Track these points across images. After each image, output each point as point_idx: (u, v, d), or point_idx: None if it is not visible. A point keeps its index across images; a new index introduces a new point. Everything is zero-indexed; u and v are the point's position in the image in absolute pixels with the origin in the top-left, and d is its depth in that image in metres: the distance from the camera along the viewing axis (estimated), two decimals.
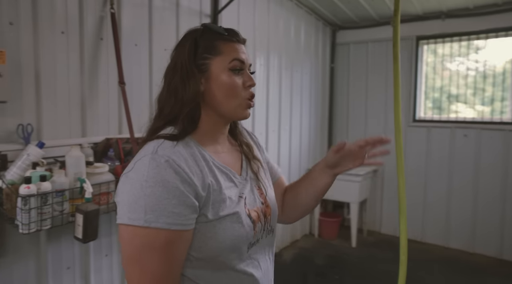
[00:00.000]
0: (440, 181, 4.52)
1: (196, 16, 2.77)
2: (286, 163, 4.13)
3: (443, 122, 4.52)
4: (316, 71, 4.68)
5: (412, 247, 4.29)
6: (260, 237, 1.02)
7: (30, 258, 1.89)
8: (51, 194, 1.62)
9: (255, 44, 3.43)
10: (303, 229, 4.66)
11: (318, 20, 4.62)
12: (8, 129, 1.76)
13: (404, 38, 4.58)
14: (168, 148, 0.88)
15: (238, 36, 1.02)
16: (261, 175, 1.12)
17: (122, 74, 2.09)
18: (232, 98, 0.97)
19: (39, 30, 1.84)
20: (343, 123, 5.12)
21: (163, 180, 0.82)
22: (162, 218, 0.81)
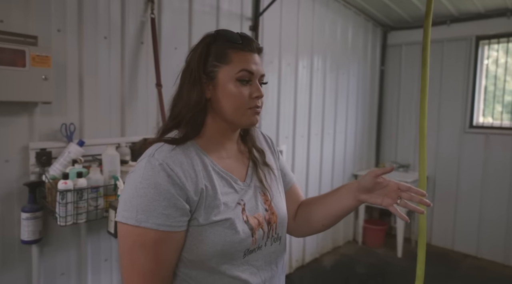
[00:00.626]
0: (499, 192, 4.22)
1: (237, 19, 2.84)
2: (329, 168, 4.09)
3: (504, 129, 4.21)
4: (364, 73, 4.59)
5: (466, 263, 4.14)
6: (263, 244, 1.02)
7: (71, 249, 2.05)
8: (87, 190, 1.75)
9: (298, 46, 3.44)
10: (346, 235, 4.58)
11: (368, 21, 4.53)
12: (53, 128, 1.92)
13: (460, 38, 4.37)
14: (165, 152, 0.92)
15: (252, 46, 1.01)
16: (268, 181, 1.11)
17: (160, 77, 2.20)
18: (237, 107, 0.98)
19: (84, 36, 2.00)
20: (392, 128, 4.97)
21: (155, 182, 0.87)
22: (152, 219, 0.86)
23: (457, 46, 4.42)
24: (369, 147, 4.86)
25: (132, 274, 0.88)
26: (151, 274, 0.88)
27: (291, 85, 3.43)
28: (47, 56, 1.76)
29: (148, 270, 0.88)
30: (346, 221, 4.53)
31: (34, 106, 1.84)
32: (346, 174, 4.41)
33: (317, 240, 4.00)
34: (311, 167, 3.78)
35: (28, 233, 1.79)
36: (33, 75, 1.72)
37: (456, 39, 4.41)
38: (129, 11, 2.17)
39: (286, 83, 3.36)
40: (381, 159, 5.04)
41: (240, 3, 2.85)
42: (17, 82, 1.69)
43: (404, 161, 4.85)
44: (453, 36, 4.41)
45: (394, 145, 4.97)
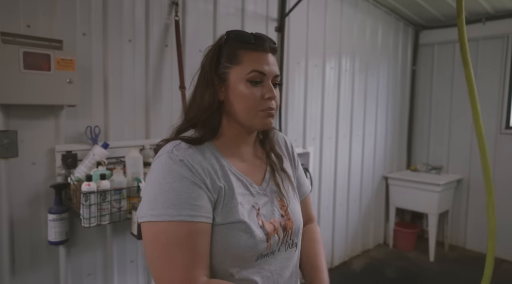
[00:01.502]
0: None
1: (262, 21, 2.76)
2: (358, 170, 3.94)
3: None
4: (395, 74, 4.40)
5: (503, 268, 3.89)
6: (277, 249, 0.98)
7: (97, 250, 2.03)
8: (110, 191, 1.72)
9: (325, 47, 3.32)
10: (377, 238, 4.40)
11: (399, 20, 4.34)
12: (79, 130, 1.90)
13: (496, 37, 4.13)
14: (183, 149, 0.90)
15: (265, 45, 0.97)
16: (285, 187, 1.07)
17: (183, 79, 2.15)
18: (248, 109, 0.94)
19: (108, 39, 1.97)
20: (424, 129, 4.74)
21: (180, 175, 0.85)
22: (184, 211, 0.83)
23: (492, 44, 4.17)
24: (400, 149, 4.65)
25: (175, 274, 0.82)
26: (193, 269, 0.83)
27: (318, 86, 3.31)
28: (72, 60, 1.74)
29: (190, 264, 0.83)
30: (377, 223, 4.36)
31: (60, 109, 1.83)
32: (376, 176, 4.24)
33: (346, 242, 3.86)
34: (339, 169, 3.64)
35: (55, 234, 1.77)
36: (58, 78, 1.70)
37: (491, 37, 4.16)
38: (153, 14, 2.14)
39: (313, 84, 3.25)
40: (412, 161, 4.82)
41: (265, 4, 2.77)
42: (43, 86, 1.68)
43: (436, 163, 4.61)
44: (488, 34, 4.17)
45: (426, 146, 4.74)
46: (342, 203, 3.74)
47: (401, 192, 4.26)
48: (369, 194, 4.16)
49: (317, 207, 3.43)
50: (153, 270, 0.85)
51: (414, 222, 4.66)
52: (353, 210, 3.92)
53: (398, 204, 4.33)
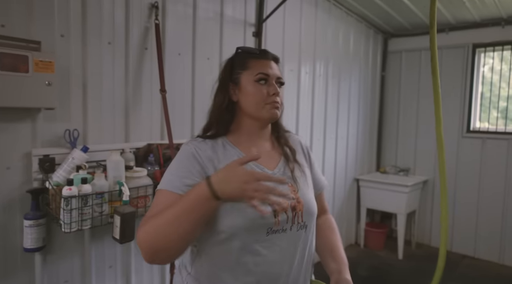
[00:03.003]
0: (494, 194, 4.16)
1: (241, 26, 2.75)
2: (332, 172, 3.99)
3: (500, 133, 4.16)
4: (366, 79, 4.49)
5: (464, 263, 4.04)
6: (288, 228, 1.09)
7: (75, 256, 1.94)
8: (91, 196, 1.65)
9: (300, 52, 3.34)
10: (349, 238, 4.47)
11: (369, 28, 4.44)
12: (57, 134, 1.82)
13: (458, 46, 4.30)
14: (196, 141, 1.14)
15: (267, 55, 1.20)
16: (297, 175, 1.19)
17: (164, 82, 2.10)
18: (256, 103, 1.14)
19: (87, 41, 1.90)
20: (393, 133, 4.87)
21: (181, 159, 1.10)
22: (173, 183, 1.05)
23: (455, 53, 4.35)
24: (370, 152, 4.75)
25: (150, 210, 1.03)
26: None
27: (293, 91, 3.33)
28: (51, 62, 1.67)
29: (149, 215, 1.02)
30: (349, 224, 4.42)
31: (37, 112, 1.75)
32: (348, 178, 4.30)
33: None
34: None
35: (31, 241, 1.69)
36: (36, 80, 1.62)
37: (454, 46, 4.34)
38: (133, 16, 2.08)
39: (289, 89, 3.27)
40: (382, 163, 4.94)
41: (243, 10, 2.76)
42: (20, 88, 1.59)
43: (404, 165, 4.75)
44: (451, 44, 4.35)
45: (394, 149, 4.87)
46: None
47: (372, 194, 4.34)
48: (342, 196, 4.22)
49: None
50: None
51: (383, 222, 4.76)
52: None
53: (369, 205, 4.42)
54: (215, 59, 2.52)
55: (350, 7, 3.88)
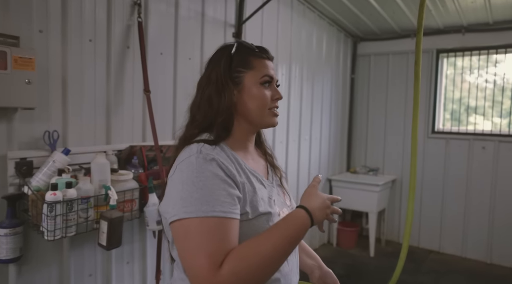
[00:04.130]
0: (458, 191, 4.36)
1: (221, 26, 2.70)
2: (306, 173, 4.01)
3: (461, 134, 4.38)
4: (337, 82, 4.56)
5: (431, 258, 4.20)
6: None
7: (53, 265, 1.82)
8: (77, 201, 1.56)
9: (277, 54, 3.34)
10: (322, 238, 4.52)
11: (340, 31, 4.52)
12: (35, 135, 1.71)
13: (424, 51, 4.44)
14: (210, 149, 0.94)
15: (268, 53, 1.11)
16: (284, 182, 1.19)
17: (148, 82, 2.03)
18: (262, 108, 1.05)
19: (68, 38, 1.80)
20: (362, 134, 4.98)
21: (213, 173, 0.89)
22: (217, 207, 0.85)
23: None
24: (341, 152, 4.83)
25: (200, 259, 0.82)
26: (220, 254, 0.83)
27: None
28: (31, 59, 1.56)
29: (217, 250, 0.83)
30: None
31: (14, 112, 1.62)
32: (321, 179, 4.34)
33: None
34: (289, 173, 3.67)
35: (6, 251, 1.56)
36: (15, 78, 1.51)
37: None
38: (115, 14, 1.99)
39: None
40: (352, 163, 5.04)
41: (224, 11, 2.72)
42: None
43: (373, 165, 4.86)
44: None
45: (364, 150, 4.98)
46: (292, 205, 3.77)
47: (344, 193, 4.40)
48: None
49: None
50: (185, 263, 0.86)
51: (354, 221, 4.85)
52: None
53: (341, 205, 4.47)
54: (196, 60, 2.46)
55: (322, 10, 3.93)
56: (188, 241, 0.84)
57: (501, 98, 4.21)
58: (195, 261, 0.82)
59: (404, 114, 4.61)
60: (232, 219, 0.87)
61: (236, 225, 0.88)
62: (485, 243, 4.20)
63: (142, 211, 1.89)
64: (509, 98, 4.16)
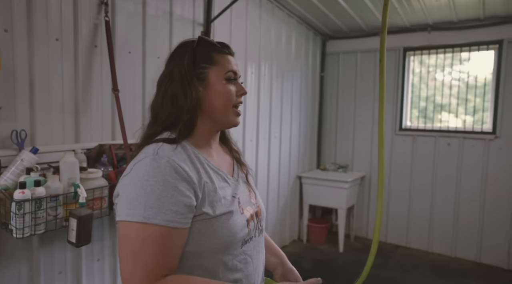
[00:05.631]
0: (424, 187, 4.59)
1: (189, 25, 2.80)
2: (276, 171, 4.16)
3: (428, 131, 4.60)
4: (307, 79, 4.73)
5: (398, 253, 4.43)
6: (254, 235, 1.09)
7: (23, 263, 1.87)
8: (45, 199, 1.62)
9: (246, 53, 3.46)
10: (292, 234, 4.68)
11: (309, 30, 4.68)
12: (2, 134, 1.75)
13: (391, 49, 4.67)
14: (167, 150, 0.94)
15: (230, 49, 1.11)
16: (250, 178, 1.21)
17: (116, 81, 2.10)
18: (228, 105, 1.05)
19: (34, 37, 1.85)
20: (332, 131, 5.17)
21: (163, 179, 0.88)
22: (160, 215, 0.86)
23: (388, 56, 4.70)
24: (311, 150, 5.01)
25: (135, 269, 0.85)
26: (155, 269, 0.85)
27: None
28: None
29: (151, 263, 0.85)
30: (292, 221, 4.63)
31: None
32: (292, 176, 4.51)
33: None
34: (259, 170, 3.81)
35: None
36: None
37: (387, 49, 4.68)
38: (81, 12, 2.05)
39: None
40: (322, 160, 5.22)
41: (192, 9, 2.81)
42: None
43: (343, 162, 5.06)
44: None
45: (333, 147, 5.17)
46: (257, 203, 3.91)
47: (314, 190, 4.59)
48: (286, 193, 4.42)
49: None
50: (120, 266, 0.88)
51: (324, 217, 5.04)
52: (272, 209, 4.13)
53: (310, 202, 4.66)
54: (165, 58, 2.53)
55: (291, 8, 4.08)
56: (126, 244, 0.86)
57: (467, 95, 4.41)
58: (128, 267, 0.85)
59: (373, 111, 4.81)
60: (175, 229, 0.87)
61: (180, 235, 0.89)
62: (449, 238, 4.44)
63: (111, 209, 1.97)
64: (475, 96, 4.36)
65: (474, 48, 4.33)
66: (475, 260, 4.28)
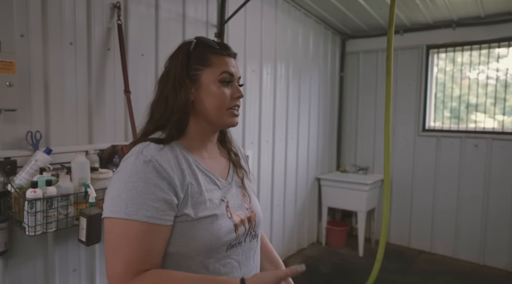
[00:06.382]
0: (449, 191, 4.47)
1: (203, 27, 2.86)
2: (293, 172, 4.17)
3: (453, 131, 4.47)
4: (325, 80, 4.72)
5: (421, 258, 4.35)
6: (243, 240, 1.08)
7: (38, 260, 1.98)
8: (56, 198, 1.71)
9: (261, 53, 3.50)
10: (311, 237, 4.67)
11: (327, 29, 4.68)
12: (18, 136, 1.86)
13: (413, 47, 4.60)
14: (153, 149, 0.96)
15: (229, 50, 1.09)
16: (246, 182, 1.20)
17: (128, 83, 2.18)
18: (220, 107, 1.05)
19: (48, 41, 1.95)
20: (352, 132, 5.13)
21: (145, 177, 0.91)
22: (141, 211, 0.89)
23: (410, 54, 4.65)
24: (330, 151, 4.99)
25: (115, 265, 0.88)
26: (134, 264, 0.88)
27: (256, 91, 3.48)
28: (11, 62, 1.71)
29: (132, 260, 0.88)
30: (311, 223, 4.63)
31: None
32: (310, 178, 4.51)
33: (283, 242, 4.06)
34: (276, 171, 3.84)
35: None
36: None
37: (409, 47, 4.64)
38: (95, 17, 2.14)
39: (251, 89, 3.41)
40: (341, 162, 5.19)
41: (205, 11, 2.87)
42: None
43: (363, 164, 5.01)
44: (406, 45, 4.64)
45: (353, 148, 5.13)
46: (279, 204, 3.94)
47: (333, 192, 4.57)
48: (304, 195, 4.42)
49: None
50: (105, 259, 0.91)
51: (344, 220, 5.01)
52: (289, 210, 4.15)
53: (330, 204, 4.64)
54: None
55: (309, 8, 4.09)
56: (109, 239, 0.90)
57: (504, 94, 4.21)
58: (110, 262, 0.89)
59: (394, 112, 4.74)
60: (156, 225, 0.90)
61: (162, 232, 0.91)
62: (477, 244, 4.28)
63: None
64: None
65: (504, 44, 4.15)
66: (506, 268, 4.11)
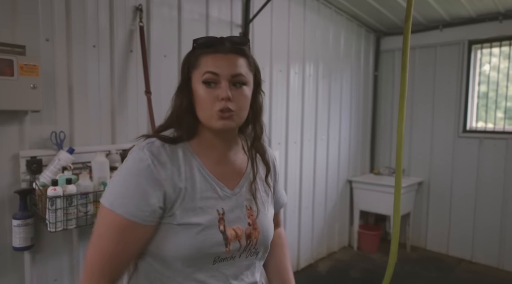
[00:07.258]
0: (492, 196, 4.26)
1: (227, 27, 2.90)
2: (323, 173, 4.14)
3: (497, 133, 4.26)
4: (358, 79, 4.66)
5: (461, 267, 4.18)
6: (237, 255, 1.04)
7: (64, 254, 2.10)
8: (76, 196, 1.80)
9: (289, 52, 3.51)
10: (342, 241, 4.62)
11: (360, 27, 4.61)
12: (44, 136, 1.98)
13: (453, 43, 4.45)
14: (154, 147, 0.97)
15: (223, 47, 1.00)
16: (259, 197, 1.13)
17: (149, 84, 2.26)
18: (204, 110, 0.99)
19: (72, 45, 2.06)
20: (386, 133, 5.03)
21: (139, 173, 0.94)
22: (124, 207, 0.93)
23: (450, 50, 4.49)
24: (363, 153, 4.91)
25: (92, 253, 0.95)
26: (108, 256, 0.94)
27: (283, 91, 3.49)
28: (35, 65, 1.82)
29: (107, 251, 0.94)
30: (342, 226, 4.58)
31: (24, 114, 1.90)
32: (341, 180, 4.46)
33: (312, 245, 4.04)
34: (304, 173, 3.83)
35: (19, 240, 1.84)
36: (21, 84, 1.77)
37: (448, 43, 4.48)
38: (117, 19, 2.24)
39: (278, 89, 3.43)
40: (375, 164, 5.10)
41: (229, 10, 2.92)
42: (6, 91, 1.74)
43: None
44: (445, 41, 4.48)
45: (388, 150, 5.02)
46: (307, 206, 3.93)
47: (365, 195, 4.50)
48: (334, 198, 4.38)
49: (283, 210, 3.59)
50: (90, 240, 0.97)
51: (377, 225, 4.92)
52: (319, 213, 4.12)
53: (362, 207, 4.57)
54: None
55: (340, 6, 4.05)
56: (97, 224, 0.97)
57: None
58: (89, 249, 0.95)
59: (432, 112, 4.60)
60: (134, 223, 0.92)
61: (141, 231, 0.94)
62: None
63: None
64: None
65: None
66: None
